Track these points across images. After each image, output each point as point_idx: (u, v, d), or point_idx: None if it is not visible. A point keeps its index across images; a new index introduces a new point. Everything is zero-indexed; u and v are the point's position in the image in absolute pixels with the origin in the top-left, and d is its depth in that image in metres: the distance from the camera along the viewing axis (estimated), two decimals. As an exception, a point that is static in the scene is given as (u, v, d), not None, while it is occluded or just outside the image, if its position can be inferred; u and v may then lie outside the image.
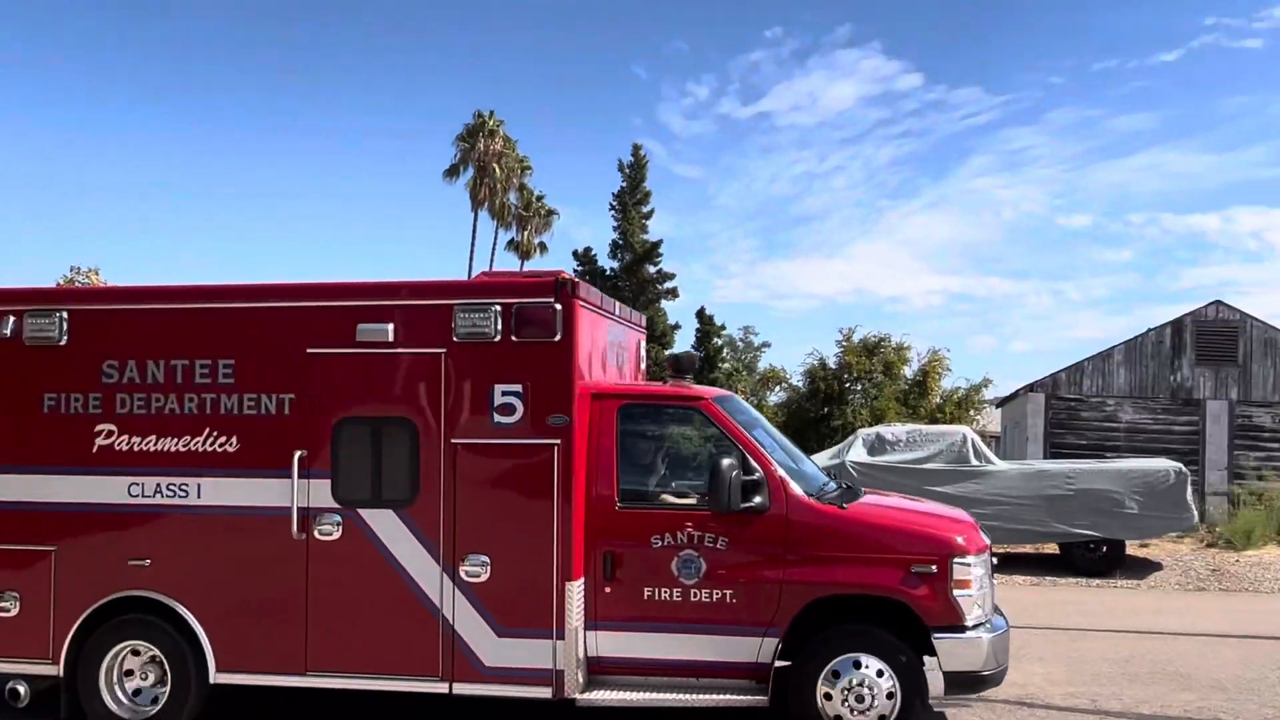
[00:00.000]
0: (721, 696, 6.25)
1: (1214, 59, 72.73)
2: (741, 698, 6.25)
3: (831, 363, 24.63)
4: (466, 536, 6.30)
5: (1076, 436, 21.65)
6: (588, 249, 48.13)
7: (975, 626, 6.22)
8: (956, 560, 6.21)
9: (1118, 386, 21.73)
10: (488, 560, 6.27)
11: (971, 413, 23.50)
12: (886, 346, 24.47)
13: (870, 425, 18.92)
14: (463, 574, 6.29)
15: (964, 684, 6.26)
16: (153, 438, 6.62)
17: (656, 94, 77.74)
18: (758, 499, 6.27)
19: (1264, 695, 7.79)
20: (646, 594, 6.33)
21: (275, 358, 6.57)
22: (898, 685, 6.12)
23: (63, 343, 6.70)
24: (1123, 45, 75.27)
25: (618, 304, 7.60)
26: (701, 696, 6.25)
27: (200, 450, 6.56)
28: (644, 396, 7.04)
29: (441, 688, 6.31)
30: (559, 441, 6.27)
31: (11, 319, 6.73)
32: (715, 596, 6.30)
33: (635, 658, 6.37)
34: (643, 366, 8.27)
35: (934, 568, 6.19)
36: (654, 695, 6.27)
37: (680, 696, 6.25)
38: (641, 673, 6.37)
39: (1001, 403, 27.05)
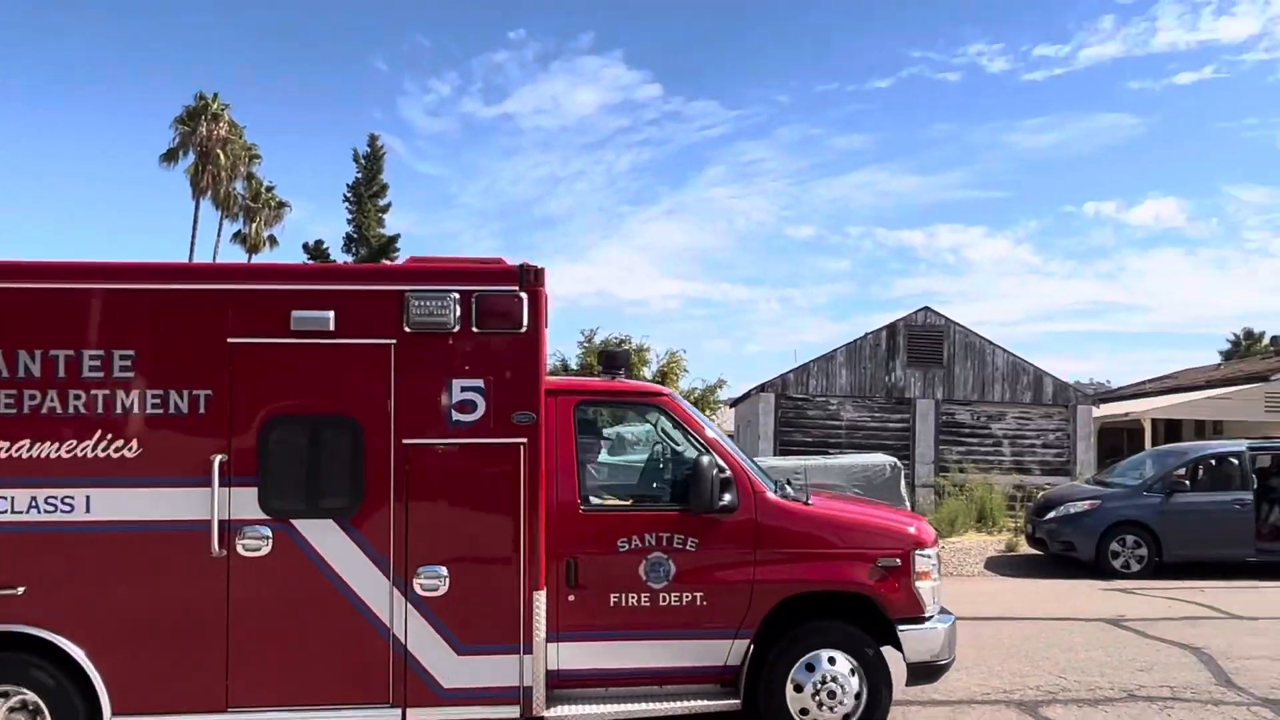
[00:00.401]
0: (692, 703, 6.00)
1: (919, 88, 79.97)
2: (712, 702, 6.04)
3: (574, 364, 24.93)
4: (420, 547, 5.70)
5: (803, 434, 22.78)
6: (319, 242, 46.35)
7: (932, 617, 6.35)
8: (918, 553, 6.31)
9: (840, 386, 23.05)
10: (445, 573, 5.69)
11: (707, 412, 24.32)
12: (627, 348, 25.04)
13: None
14: (417, 588, 5.68)
15: (923, 674, 6.38)
16: (25, 442, 5.51)
17: (398, 88, 75.65)
18: (728, 497, 6.09)
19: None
20: (613, 600, 6.00)
21: (188, 348, 5.64)
22: (864, 679, 6.13)
23: None
24: (842, 70, 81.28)
25: None
26: (672, 704, 5.97)
27: (89, 456, 5.53)
28: (601, 393, 6.63)
29: (394, 715, 5.67)
30: (525, 441, 5.79)
31: None
32: (685, 600, 6.06)
33: (600, 669, 6.01)
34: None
35: (899, 561, 6.25)
36: (622, 706, 5.93)
37: (650, 706, 5.94)
38: (607, 684, 6.02)
39: (735, 402, 28.05)
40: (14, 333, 5.56)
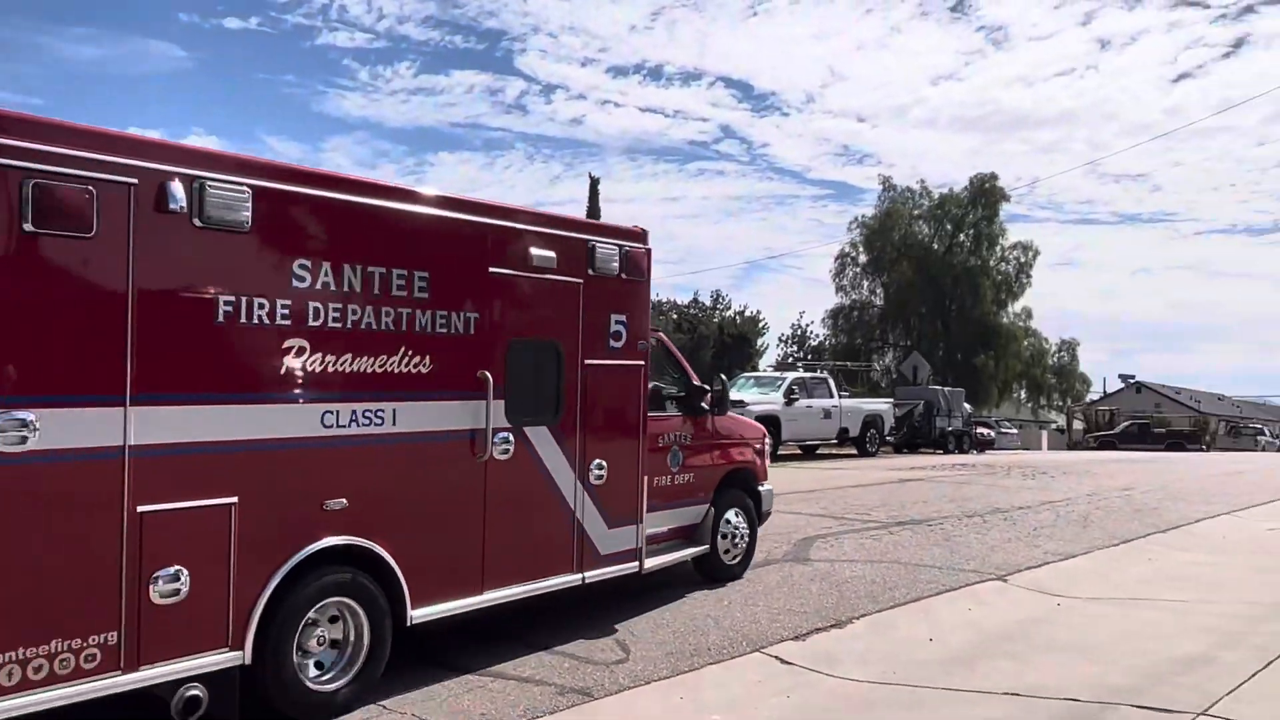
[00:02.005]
0: (685, 551, 8.49)
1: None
2: (693, 549, 8.58)
3: None
4: (590, 446, 7.16)
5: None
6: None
7: (767, 481, 9.79)
8: (767, 440, 9.68)
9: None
10: (605, 466, 7.27)
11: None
12: None
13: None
14: (590, 479, 7.15)
15: (763, 519, 9.75)
16: (348, 356, 5.54)
17: None
18: (704, 405, 8.68)
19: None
20: (657, 482, 8.12)
21: (464, 274, 6.20)
22: (749, 524, 9.30)
23: (247, 229, 5.02)
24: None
25: None
26: (677, 554, 8.38)
27: (394, 371, 5.78)
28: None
29: (577, 579, 7.07)
30: (642, 364, 7.64)
31: (180, 184, 4.75)
32: (686, 479, 8.49)
33: (654, 532, 8.05)
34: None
35: (761, 445, 9.55)
36: (664, 558, 8.14)
37: (672, 556, 8.28)
38: (657, 543, 8.13)
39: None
40: (343, 246, 5.50)
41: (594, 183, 40.20)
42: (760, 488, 9.55)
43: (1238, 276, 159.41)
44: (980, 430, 37.44)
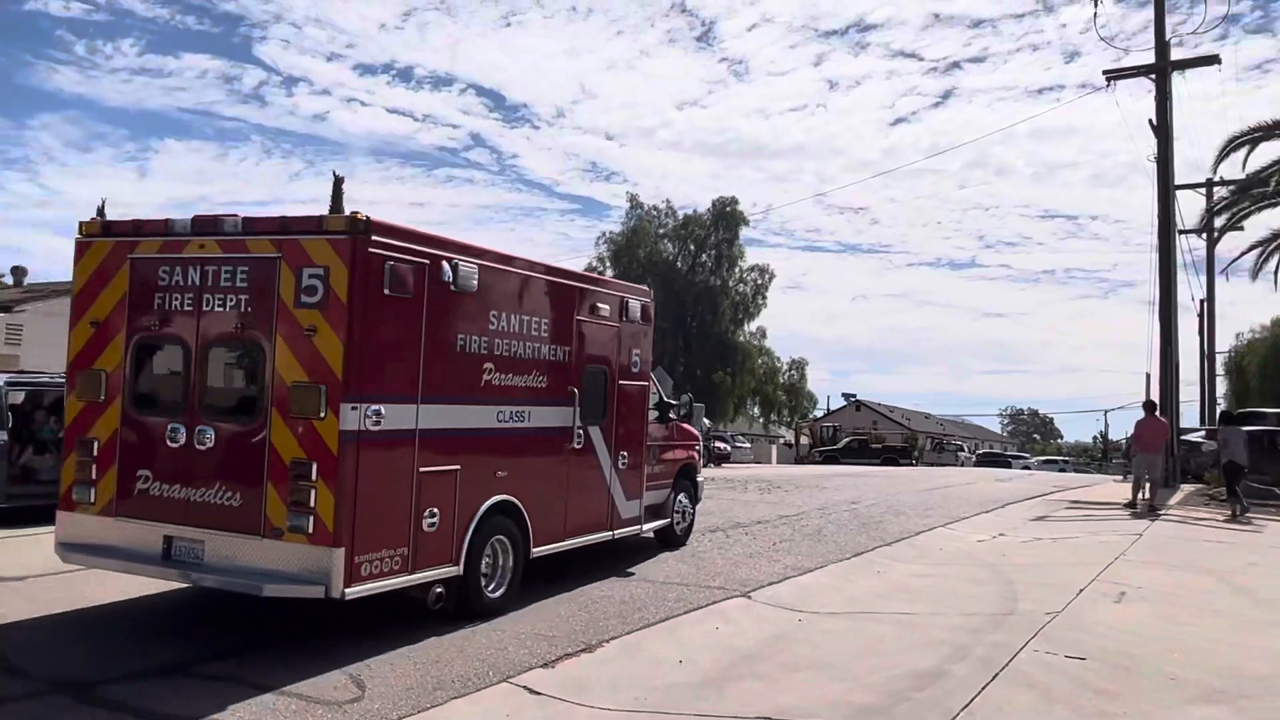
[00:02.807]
0: (658, 523, 11.58)
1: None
2: (660, 522, 11.68)
3: None
4: (619, 441, 10.19)
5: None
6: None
7: (700, 474, 13.05)
8: (701, 442, 12.98)
9: None
10: (627, 455, 10.30)
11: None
12: None
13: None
14: (618, 465, 10.16)
15: (698, 502, 12.96)
16: (509, 375, 8.38)
17: None
18: (673, 414, 11.86)
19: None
20: (645, 470, 11.18)
21: (563, 320, 9.14)
22: (691, 504, 12.53)
23: (474, 291, 7.83)
24: None
25: None
26: (655, 524, 11.48)
27: (529, 386, 8.65)
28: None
29: (609, 536, 10.08)
30: (648, 384, 10.77)
31: (446, 264, 7.52)
32: (659, 469, 11.61)
33: (646, 507, 11.10)
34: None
35: (699, 446, 12.83)
36: (649, 525, 11.20)
37: (651, 525, 11.35)
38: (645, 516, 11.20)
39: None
40: (513, 300, 8.38)
41: (338, 182, 36.99)
42: (698, 478, 12.80)
43: (942, 306, 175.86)
44: (718, 444, 38.12)
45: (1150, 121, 24.38)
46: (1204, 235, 37.74)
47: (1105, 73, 25.25)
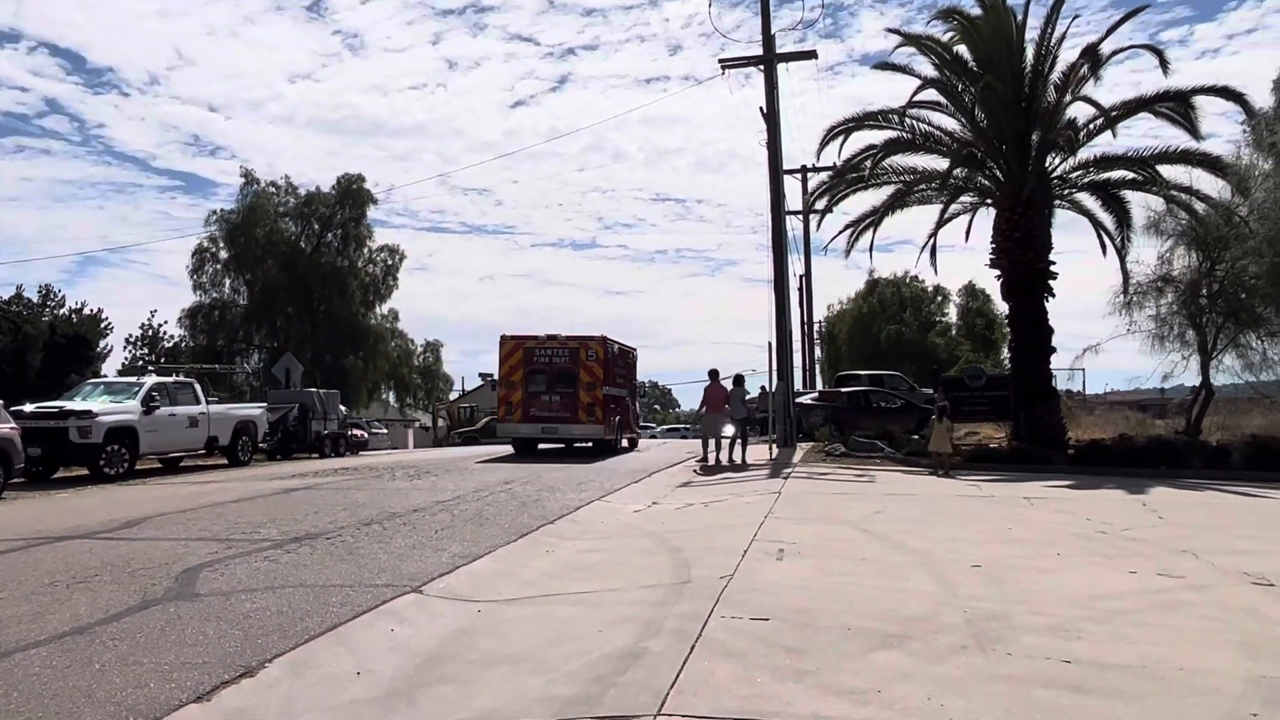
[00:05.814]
0: (622, 445, 28.10)
1: None
2: (632, 452, 28.10)
3: None
4: (620, 412, 27.00)
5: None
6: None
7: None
8: (635, 402, 30.83)
9: None
10: (615, 421, 26.72)
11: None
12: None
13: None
14: (628, 418, 27.74)
15: (635, 445, 30.14)
16: (612, 393, 25.39)
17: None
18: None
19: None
20: (619, 421, 27.57)
21: (624, 366, 27.07)
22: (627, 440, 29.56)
23: (615, 357, 25.48)
24: None
25: None
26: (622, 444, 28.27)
27: (619, 400, 25.84)
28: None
29: (626, 442, 27.80)
30: (627, 392, 28.28)
31: (598, 343, 24.98)
32: (621, 422, 27.88)
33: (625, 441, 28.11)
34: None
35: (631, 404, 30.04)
36: (621, 444, 27.87)
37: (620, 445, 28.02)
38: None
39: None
40: (615, 358, 26.03)
41: None
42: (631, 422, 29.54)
43: (566, 285, 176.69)
44: (354, 432, 36.89)
45: (761, 109, 25.89)
46: (804, 217, 43.03)
47: (721, 61, 26.40)
